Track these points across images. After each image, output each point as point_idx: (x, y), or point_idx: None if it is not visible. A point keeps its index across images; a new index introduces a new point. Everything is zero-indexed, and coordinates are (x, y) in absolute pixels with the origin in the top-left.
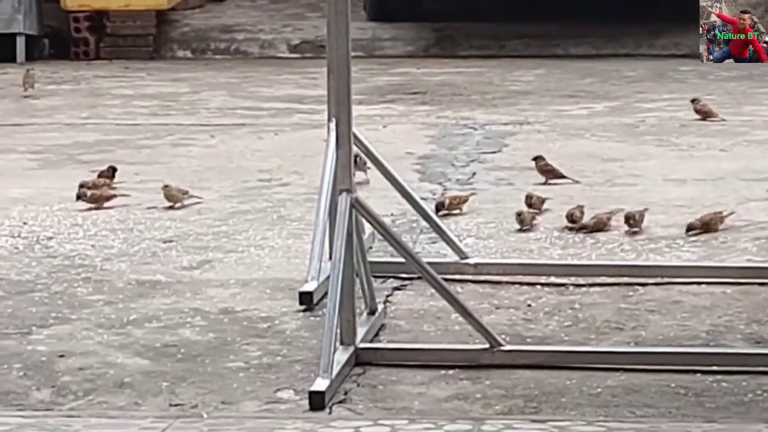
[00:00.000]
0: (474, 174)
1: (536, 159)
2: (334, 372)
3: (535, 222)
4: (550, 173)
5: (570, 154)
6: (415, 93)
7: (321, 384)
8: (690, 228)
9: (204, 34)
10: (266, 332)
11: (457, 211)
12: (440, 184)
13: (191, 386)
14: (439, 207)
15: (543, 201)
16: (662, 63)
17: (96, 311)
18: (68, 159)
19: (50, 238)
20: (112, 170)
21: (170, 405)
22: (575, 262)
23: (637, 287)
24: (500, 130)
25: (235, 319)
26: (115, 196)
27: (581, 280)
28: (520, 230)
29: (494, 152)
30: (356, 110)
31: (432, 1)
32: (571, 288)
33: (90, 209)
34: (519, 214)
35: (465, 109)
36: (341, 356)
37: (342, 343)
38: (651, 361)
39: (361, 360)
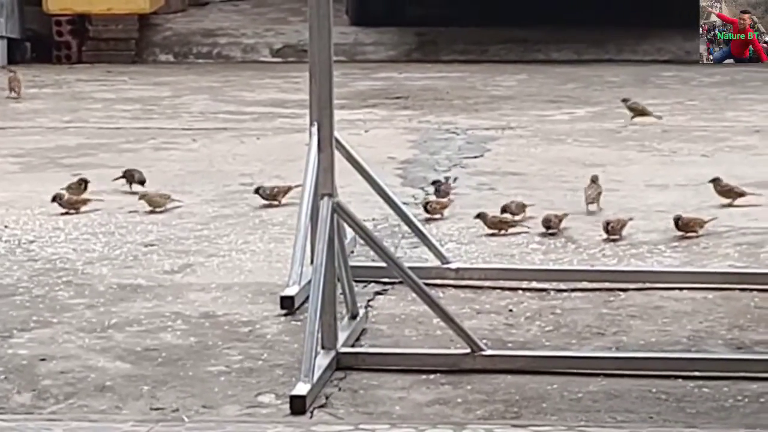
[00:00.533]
0: (456, 179)
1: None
2: (315, 376)
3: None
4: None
5: (552, 159)
6: (397, 98)
7: (302, 388)
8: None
9: (186, 39)
10: (247, 336)
11: (438, 216)
12: (422, 188)
13: (172, 390)
14: (426, 207)
15: (524, 207)
16: (645, 68)
17: (77, 315)
18: (50, 162)
19: (32, 242)
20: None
21: (151, 409)
22: (556, 267)
23: (618, 292)
24: (482, 135)
25: (217, 323)
26: (90, 200)
27: (562, 285)
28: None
29: (476, 157)
30: (338, 115)
31: (414, 6)
32: (552, 293)
33: (67, 213)
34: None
35: (447, 114)
36: (322, 360)
37: (323, 348)
38: (632, 366)
39: (342, 364)
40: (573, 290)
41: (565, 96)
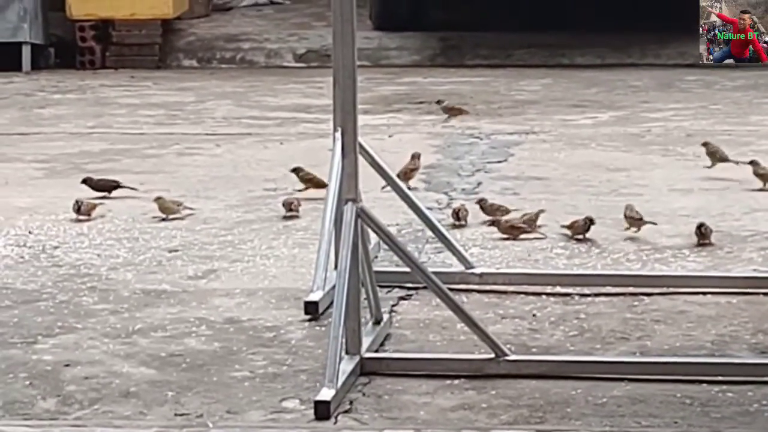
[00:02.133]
0: (479, 183)
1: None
2: (340, 382)
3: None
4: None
5: (576, 163)
6: (421, 102)
7: (326, 394)
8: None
9: (210, 44)
10: (272, 342)
11: (461, 222)
12: (446, 193)
13: (197, 396)
14: (455, 215)
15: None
16: (668, 73)
17: (101, 320)
18: (74, 168)
19: (56, 248)
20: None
21: (176, 414)
22: (581, 271)
23: (642, 297)
24: (506, 139)
25: (241, 329)
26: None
27: (587, 290)
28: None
29: (500, 162)
30: (362, 120)
31: (438, 11)
32: (576, 298)
33: (80, 221)
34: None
35: (471, 119)
36: (346, 366)
37: (347, 353)
38: (656, 371)
39: (366, 370)
40: (597, 295)
41: (588, 100)
